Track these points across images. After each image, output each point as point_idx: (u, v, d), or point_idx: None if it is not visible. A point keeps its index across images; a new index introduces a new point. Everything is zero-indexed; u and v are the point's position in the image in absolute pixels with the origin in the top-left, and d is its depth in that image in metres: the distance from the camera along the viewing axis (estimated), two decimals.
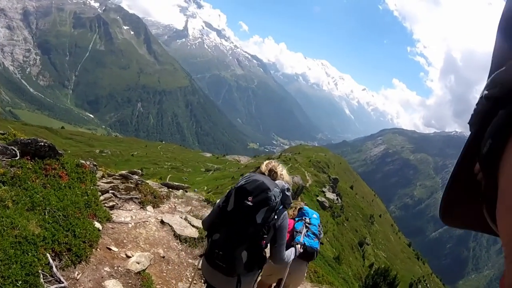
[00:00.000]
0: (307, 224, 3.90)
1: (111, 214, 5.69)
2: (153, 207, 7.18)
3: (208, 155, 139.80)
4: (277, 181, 2.69)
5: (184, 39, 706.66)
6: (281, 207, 2.62)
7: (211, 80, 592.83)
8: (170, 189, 9.23)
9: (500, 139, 0.37)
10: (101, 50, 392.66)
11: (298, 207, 4.25)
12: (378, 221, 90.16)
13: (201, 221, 7.24)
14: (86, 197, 5.09)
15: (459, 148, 0.47)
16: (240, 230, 2.48)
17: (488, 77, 0.42)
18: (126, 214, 6.13)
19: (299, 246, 3.50)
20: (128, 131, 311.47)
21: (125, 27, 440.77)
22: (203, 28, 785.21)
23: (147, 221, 6.24)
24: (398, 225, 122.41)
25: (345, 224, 60.91)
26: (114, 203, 6.11)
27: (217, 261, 2.54)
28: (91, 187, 5.49)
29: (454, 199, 0.49)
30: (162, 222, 6.43)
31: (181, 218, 7.01)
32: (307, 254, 3.77)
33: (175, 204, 8.13)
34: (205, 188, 56.20)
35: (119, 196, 6.45)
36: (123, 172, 7.08)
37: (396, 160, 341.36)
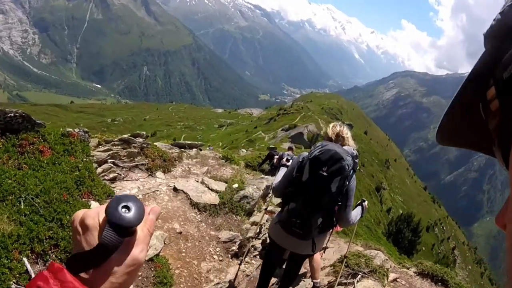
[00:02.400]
0: None
1: (113, 188, 4.80)
2: (164, 172, 6.31)
3: (220, 110, 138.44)
4: (345, 147, 2.69)
5: None
6: (351, 172, 2.66)
7: (215, 35, 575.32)
8: (182, 149, 8.24)
9: None
10: (99, 19, 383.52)
11: None
12: (394, 166, 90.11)
13: (220, 182, 6.41)
14: (78, 173, 4.15)
15: None
16: (316, 199, 2.59)
17: None
18: (131, 185, 5.25)
19: (366, 203, 3.28)
20: (138, 96, 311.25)
21: None
22: None
23: (158, 190, 5.38)
24: (413, 169, 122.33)
25: (361, 170, 60.64)
26: (116, 174, 5.21)
27: (294, 229, 2.71)
28: (84, 159, 4.53)
29: (454, 123, 0.40)
30: (175, 189, 5.55)
31: (197, 181, 6.10)
32: None
33: (189, 166, 7.25)
34: (220, 144, 55.93)
35: (121, 165, 5.51)
36: (124, 136, 6.09)
37: (409, 104, 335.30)
